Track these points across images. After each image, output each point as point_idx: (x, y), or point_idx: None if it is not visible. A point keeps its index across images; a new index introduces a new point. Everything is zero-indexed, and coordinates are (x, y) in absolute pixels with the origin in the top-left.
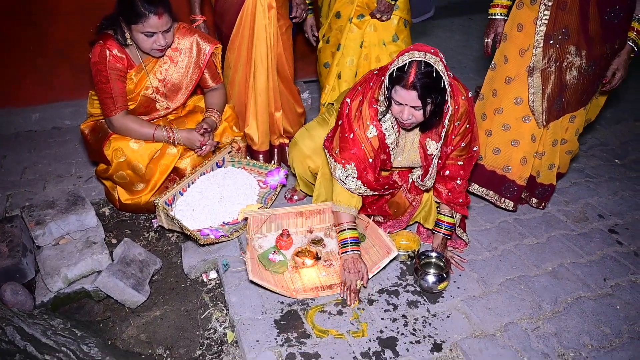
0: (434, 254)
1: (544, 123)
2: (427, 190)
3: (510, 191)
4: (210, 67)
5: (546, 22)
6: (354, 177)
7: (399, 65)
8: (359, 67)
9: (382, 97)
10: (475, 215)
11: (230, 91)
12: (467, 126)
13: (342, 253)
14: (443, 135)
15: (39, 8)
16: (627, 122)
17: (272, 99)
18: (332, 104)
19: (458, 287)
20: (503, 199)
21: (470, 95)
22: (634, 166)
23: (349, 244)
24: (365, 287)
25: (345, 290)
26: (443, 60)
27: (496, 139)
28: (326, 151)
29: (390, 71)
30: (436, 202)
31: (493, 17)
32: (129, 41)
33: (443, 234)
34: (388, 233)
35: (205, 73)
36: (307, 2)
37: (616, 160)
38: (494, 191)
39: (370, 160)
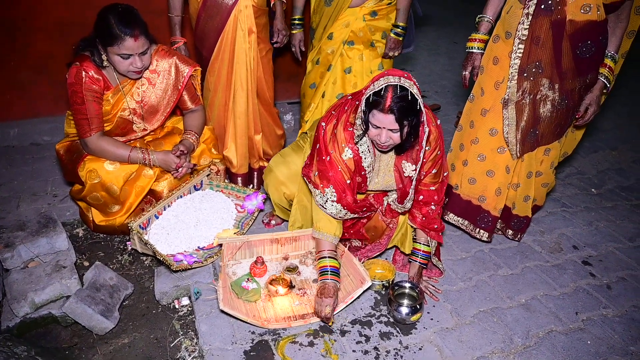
0: (407, 285)
1: (518, 154)
2: (404, 213)
3: (485, 222)
4: (189, 89)
5: (520, 55)
6: (333, 201)
7: (376, 90)
8: (344, 92)
9: (358, 121)
10: (452, 244)
11: (209, 113)
12: (438, 152)
13: (321, 280)
14: (422, 155)
15: (19, 21)
16: (603, 151)
17: (252, 122)
18: (306, 133)
19: (431, 319)
20: (478, 229)
21: (438, 122)
22: (609, 196)
23: (328, 272)
24: (329, 320)
25: (316, 317)
26: (416, 84)
27: (472, 168)
28: (305, 179)
29: (367, 95)
30: (411, 226)
31: (470, 50)
32: (105, 63)
33: (419, 262)
34: (364, 261)
35: (184, 95)
36: (298, 17)
37: (592, 190)
38: (469, 221)
39: (348, 182)
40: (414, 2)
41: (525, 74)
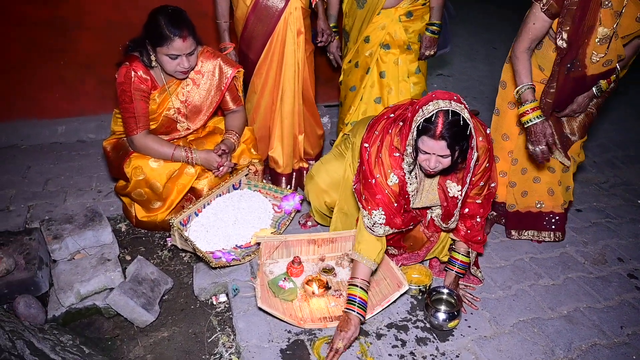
0: (445, 291)
1: (566, 160)
2: (449, 231)
3: (553, 222)
4: (231, 90)
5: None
6: (381, 224)
7: (427, 117)
8: (381, 96)
9: (409, 149)
10: (490, 251)
11: (254, 115)
12: (487, 165)
13: (348, 308)
14: (468, 180)
15: (69, 20)
16: None
17: (297, 122)
18: (348, 135)
19: (469, 326)
20: (549, 232)
21: (488, 132)
22: None
23: (356, 304)
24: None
25: (330, 347)
26: (466, 106)
27: (519, 186)
28: (357, 196)
29: (418, 123)
30: (452, 239)
31: (533, 123)
32: (154, 63)
33: (456, 272)
34: (401, 266)
35: (226, 96)
36: (333, 25)
37: (639, 201)
38: (538, 230)
39: (395, 204)
40: (446, 2)
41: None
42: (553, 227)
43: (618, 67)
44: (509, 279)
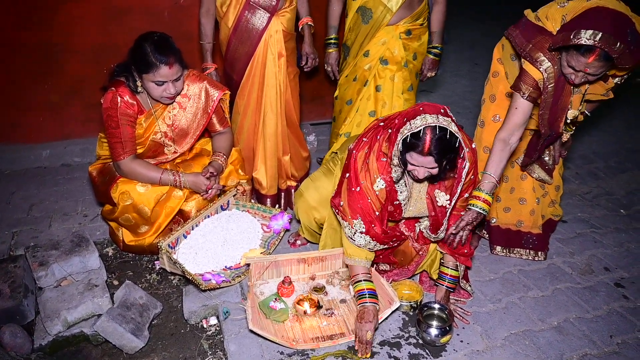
0: (436, 306)
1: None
2: (438, 242)
3: (530, 242)
4: (218, 112)
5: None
6: (361, 233)
7: (414, 132)
8: (376, 110)
9: (395, 160)
10: (479, 265)
11: (238, 136)
12: (472, 177)
13: (360, 304)
14: (459, 189)
15: (55, 44)
16: (632, 171)
17: (281, 144)
18: (336, 153)
19: (461, 341)
20: (527, 250)
21: (473, 146)
22: (639, 217)
23: (367, 295)
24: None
25: (357, 341)
26: (453, 118)
27: (505, 202)
28: (334, 209)
29: (405, 136)
30: (440, 252)
31: (480, 211)
32: (140, 89)
33: (446, 287)
34: (391, 282)
35: (213, 118)
36: (334, 37)
37: (622, 211)
38: (516, 247)
39: (377, 213)
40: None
41: None
42: (531, 246)
43: (585, 111)
44: (498, 292)
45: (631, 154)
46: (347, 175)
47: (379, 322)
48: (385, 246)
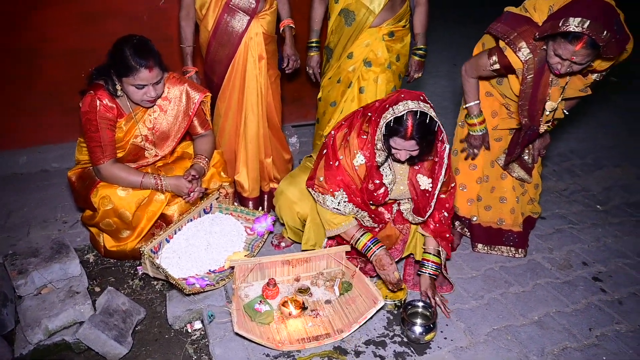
0: (420, 304)
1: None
2: (419, 224)
3: (511, 239)
4: (199, 114)
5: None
6: (345, 202)
7: (397, 116)
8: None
9: (379, 144)
10: (462, 262)
11: (220, 139)
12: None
13: (370, 255)
14: (443, 172)
15: (31, 48)
16: (607, 168)
17: (262, 146)
18: (311, 156)
19: (445, 338)
20: (508, 247)
21: (444, 136)
22: (615, 212)
23: (371, 246)
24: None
25: (389, 284)
26: (432, 105)
27: (486, 201)
28: (310, 190)
29: (388, 121)
30: (422, 234)
31: (478, 133)
32: (119, 92)
33: (429, 273)
34: (376, 281)
35: (194, 121)
36: (315, 40)
37: (598, 206)
38: (497, 245)
39: (354, 186)
40: None
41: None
42: (511, 243)
43: (563, 110)
44: (480, 288)
45: (606, 151)
46: (325, 151)
47: (364, 322)
48: (371, 220)
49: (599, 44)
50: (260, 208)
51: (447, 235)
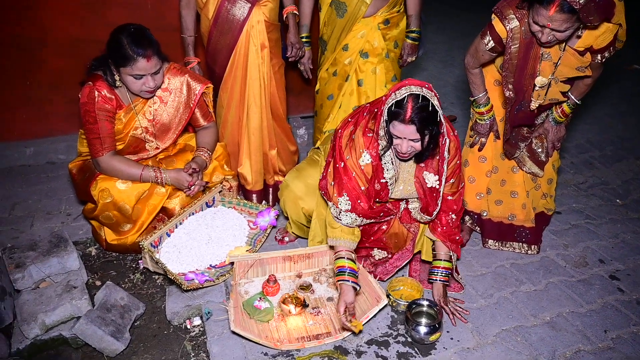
0: (425, 303)
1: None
2: (427, 222)
3: (523, 235)
4: (201, 106)
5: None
6: (347, 211)
7: (398, 99)
8: (359, 104)
9: (381, 132)
10: (471, 259)
11: (222, 131)
12: (457, 161)
13: (339, 280)
14: (445, 167)
15: (34, 39)
16: (627, 160)
17: (266, 138)
18: (319, 148)
19: (451, 338)
20: (520, 244)
21: (455, 133)
22: (635, 207)
23: (346, 273)
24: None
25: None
26: (437, 95)
27: (496, 195)
28: (321, 191)
29: (389, 105)
30: (431, 239)
31: (486, 121)
32: (118, 83)
33: (441, 280)
34: (390, 278)
35: (196, 112)
36: (306, 35)
37: (617, 200)
38: (509, 241)
39: (363, 188)
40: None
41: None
42: (524, 239)
43: (573, 98)
44: (490, 286)
45: (626, 142)
46: (333, 153)
47: (366, 321)
48: (372, 220)
49: (575, 8)
50: (264, 201)
51: (457, 238)
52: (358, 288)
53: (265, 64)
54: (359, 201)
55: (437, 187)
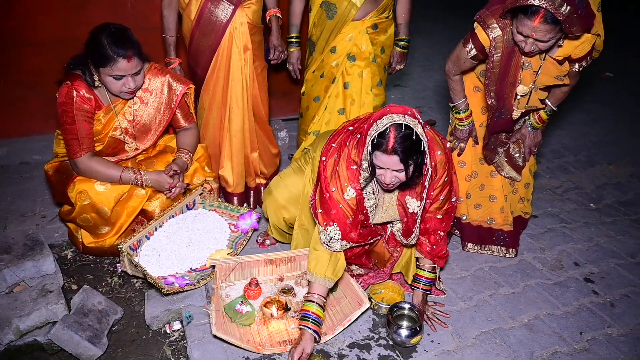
0: (406, 306)
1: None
2: (410, 247)
3: (501, 239)
4: (182, 107)
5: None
6: (337, 239)
7: (380, 131)
8: (344, 107)
9: (365, 164)
10: (451, 262)
11: (204, 132)
12: (446, 179)
13: (301, 325)
14: (425, 195)
15: (11, 36)
16: (600, 165)
17: (248, 140)
18: (308, 149)
19: (432, 341)
20: (498, 247)
21: (448, 145)
22: (608, 211)
23: (310, 319)
24: None
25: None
26: (421, 121)
27: (475, 199)
28: (313, 211)
29: (372, 137)
30: (417, 257)
31: (465, 127)
32: (97, 83)
33: (422, 289)
34: (369, 286)
35: (177, 113)
36: (295, 35)
37: (591, 205)
38: (488, 244)
39: (350, 219)
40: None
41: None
42: (502, 243)
43: (550, 104)
44: (469, 289)
45: (600, 148)
46: (319, 182)
47: (348, 324)
48: (361, 243)
49: (559, 19)
50: (245, 204)
51: (443, 253)
52: (318, 339)
53: (248, 66)
54: (349, 231)
55: (418, 212)
